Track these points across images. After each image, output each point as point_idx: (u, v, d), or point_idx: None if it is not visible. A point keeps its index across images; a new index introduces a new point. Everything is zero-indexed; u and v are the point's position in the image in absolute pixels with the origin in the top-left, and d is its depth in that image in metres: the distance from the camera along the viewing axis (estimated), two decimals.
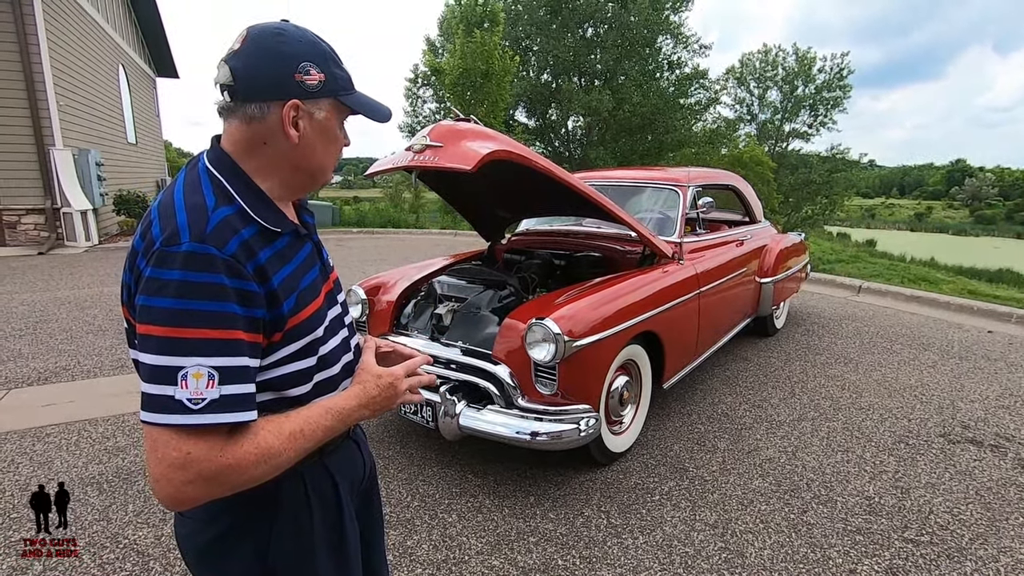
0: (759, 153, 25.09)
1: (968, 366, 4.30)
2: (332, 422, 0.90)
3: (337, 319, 1.02)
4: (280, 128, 0.88)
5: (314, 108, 0.89)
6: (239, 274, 0.79)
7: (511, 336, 2.53)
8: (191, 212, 0.81)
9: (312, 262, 0.98)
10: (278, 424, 0.84)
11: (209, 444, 0.76)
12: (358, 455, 1.12)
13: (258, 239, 0.85)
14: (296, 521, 0.95)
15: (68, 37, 10.52)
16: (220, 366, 0.76)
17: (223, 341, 0.76)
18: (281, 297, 0.85)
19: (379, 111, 0.96)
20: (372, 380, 0.98)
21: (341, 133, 0.95)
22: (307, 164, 0.93)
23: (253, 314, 0.81)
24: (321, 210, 15.04)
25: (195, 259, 0.76)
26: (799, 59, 30.38)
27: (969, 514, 2.46)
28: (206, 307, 0.76)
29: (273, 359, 0.87)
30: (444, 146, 2.42)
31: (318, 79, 0.88)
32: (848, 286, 7.06)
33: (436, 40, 23.48)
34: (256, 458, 0.79)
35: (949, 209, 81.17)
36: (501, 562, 2.16)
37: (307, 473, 0.97)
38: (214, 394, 0.75)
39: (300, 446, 0.85)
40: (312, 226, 1.05)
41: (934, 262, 22.16)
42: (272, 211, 0.91)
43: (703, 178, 4.08)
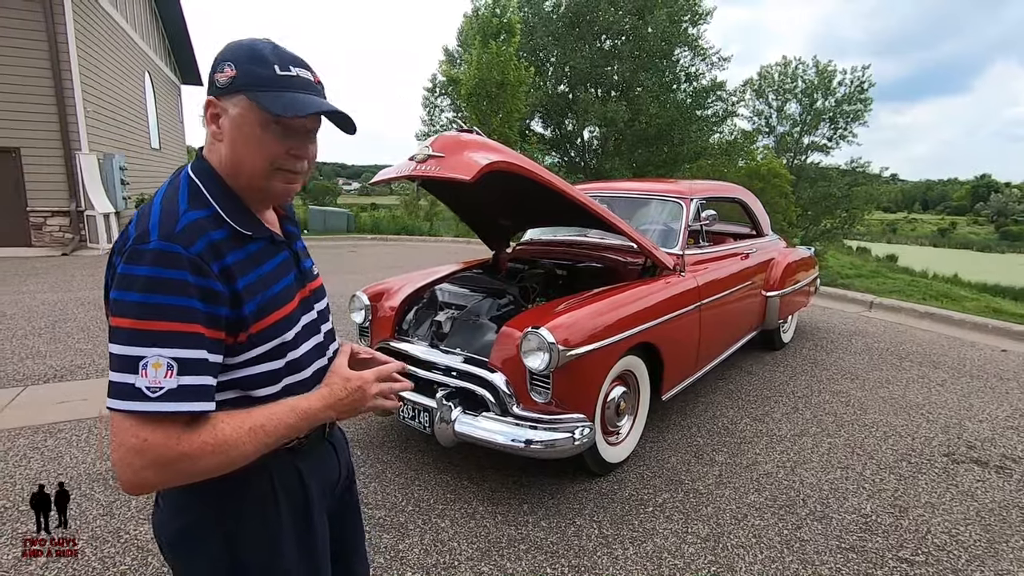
0: (777, 166, 24.87)
1: (979, 385, 4.23)
2: (296, 420, 0.92)
3: (312, 325, 1.05)
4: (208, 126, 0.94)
5: (228, 104, 0.91)
6: (203, 272, 0.84)
7: (507, 344, 2.56)
8: (163, 214, 0.86)
9: (287, 269, 1.02)
10: (239, 418, 0.87)
11: (166, 432, 0.80)
12: (333, 459, 1.15)
13: (229, 242, 0.90)
14: (263, 514, 0.98)
15: (97, 45, 10.87)
16: (179, 357, 0.80)
17: (183, 334, 0.81)
18: (244, 299, 0.89)
19: (292, 107, 0.89)
20: (340, 383, 1.00)
21: (267, 134, 0.91)
22: (233, 162, 0.93)
23: (215, 311, 0.85)
24: (337, 216, 15.26)
25: (162, 256, 0.81)
26: (819, 72, 30.12)
27: (968, 535, 2.43)
28: (169, 301, 0.80)
29: (241, 359, 0.91)
30: (446, 156, 2.47)
31: (229, 75, 0.90)
32: (860, 301, 6.97)
33: (454, 50, 23.78)
34: (212, 448, 0.83)
35: (974, 225, 79.56)
36: (490, 568, 2.18)
37: (276, 469, 1.00)
38: (172, 383, 0.79)
39: (260, 441, 0.88)
40: (294, 235, 1.09)
41: (957, 278, 21.76)
42: (246, 217, 0.95)
43: (707, 191, 4.09)
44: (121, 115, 12.29)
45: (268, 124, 0.90)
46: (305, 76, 0.93)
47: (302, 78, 0.93)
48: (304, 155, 0.96)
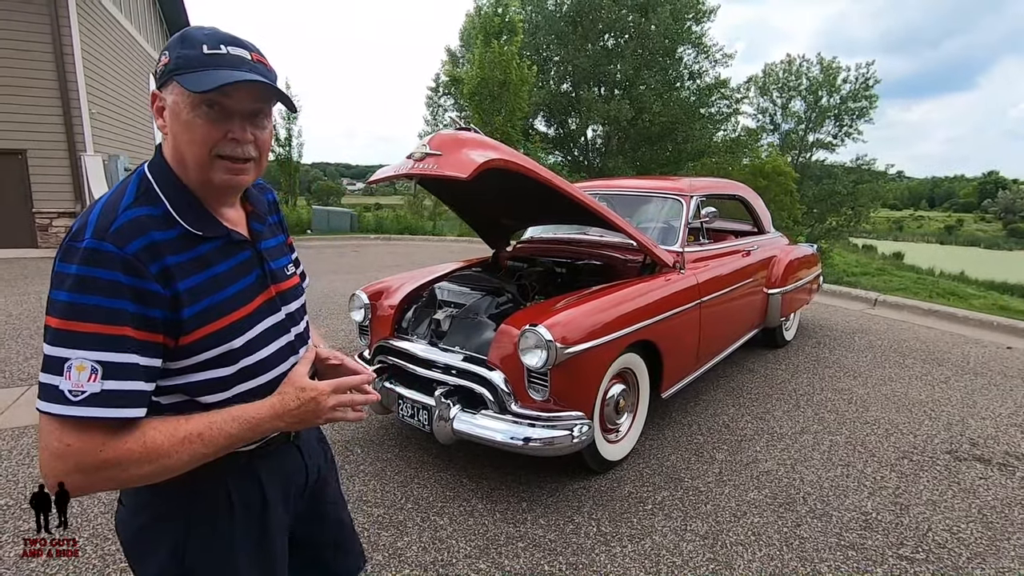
0: (781, 163, 24.76)
1: (982, 382, 4.20)
2: (238, 430, 0.87)
3: (276, 328, 1.00)
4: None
5: (167, 94, 0.87)
6: (137, 273, 0.80)
7: (505, 342, 2.56)
8: (103, 211, 0.83)
9: (246, 270, 0.97)
10: (173, 425, 0.83)
11: (89, 437, 0.77)
12: (299, 462, 1.10)
13: (175, 242, 0.86)
14: (214, 523, 0.95)
15: (101, 47, 10.93)
16: (104, 361, 0.77)
17: (110, 336, 0.77)
18: (184, 302, 0.85)
19: (207, 81, 0.83)
20: (293, 393, 0.94)
21: (198, 117, 0.86)
22: (176, 154, 0.90)
23: (148, 313, 0.81)
24: (340, 216, 15.30)
25: (93, 255, 0.78)
26: (823, 69, 29.96)
27: (969, 533, 2.41)
28: (97, 302, 0.77)
29: (183, 364, 0.88)
30: (443, 154, 2.47)
31: (163, 63, 0.87)
32: (864, 299, 6.93)
33: (456, 50, 23.79)
34: (140, 456, 0.79)
35: (981, 222, 78.92)
36: (488, 566, 2.18)
37: (231, 476, 0.96)
38: (95, 388, 0.76)
39: (195, 450, 0.84)
40: (262, 232, 1.04)
41: (964, 276, 21.60)
42: (200, 215, 0.91)
43: (707, 188, 4.07)
44: (126, 116, 12.36)
45: (197, 106, 0.85)
46: (237, 53, 0.87)
47: (232, 55, 0.87)
48: (243, 138, 0.89)
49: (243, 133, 0.89)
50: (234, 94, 0.86)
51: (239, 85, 0.85)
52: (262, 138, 0.93)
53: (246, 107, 0.89)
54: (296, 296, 1.09)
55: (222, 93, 0.85)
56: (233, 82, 0.84)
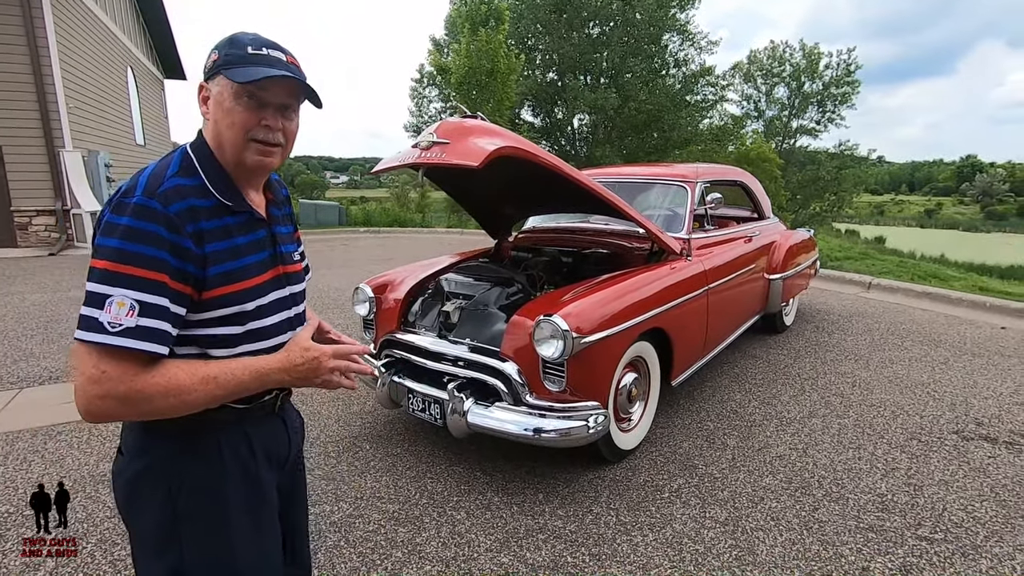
0: (766, 150, 24.96)
1: (981, 363, 4.25)
2: (249, 378, 0.99)
3: (282, 302, 1.13)
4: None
5: (213, 86, 1.01)
6: (177, 230, 0.92)
7: (519, 333, 2.52)
8: (152, 175, 0.96)
9: (261, 246, 1.09)
10: (195, 366, 0.95)
11: (123, 367, 0.88)
12: (283, 434, 1.20)
13: (208, 211, 0.98)
14: (207, 474, 1.03)
15: (77, 40, 10.61)
16: (142, 300, 0.88)
17: (149, 280, 0.89)
18: (209, 262, 0.97)
19: (250, 75, 0.97)
20: (298, 351, 1.05)
21: (239, 105, 0.99)
22: (217, 136, 1.02)
23: (183, 267, 0.93)
24: (327, 210, 15.11)
25: (142, 210, 0.90)
26: (806, 55, 30.17)
27: (984, 511, 2.43)
28: (142, 250, 0.89)
29: (201, 317, 0.98)
30: (451, 143, 2.41)
31: (213, 60, 1.01)
32: (858, 283, 7.00)
33: (441, 40, 23.51)
34: (164, 390, 0.90)
35: (960, 205, 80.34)
36: (510, 559, 2.15)
37: (223, 432, 1.06)
38: (131, 322, 0.87)
39: (211, 391, 0.95)
40: (278, 217, 1.17)
41: (944, 259, 21.97)
42: (232, 191, 1.04)
43: (711, 174, 4.06)
44: (104, 111, 12.04)
45: (239, 95, 0.99)
46: (276, 55, 1.01)
47: (273, 56, 1.01)
48: (275, 125, 1.03)
49: (275, 121, 1.03)
50: (270, 88, 1.00)
51: (276, 80, 0.99)
52: (290, 128, 1.06)
53: (279, 100, 1.03)
54: (299, 280, 1.21)
55: (260, 87, 0.98)
56: (272, 76, 0.98)
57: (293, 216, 1.30)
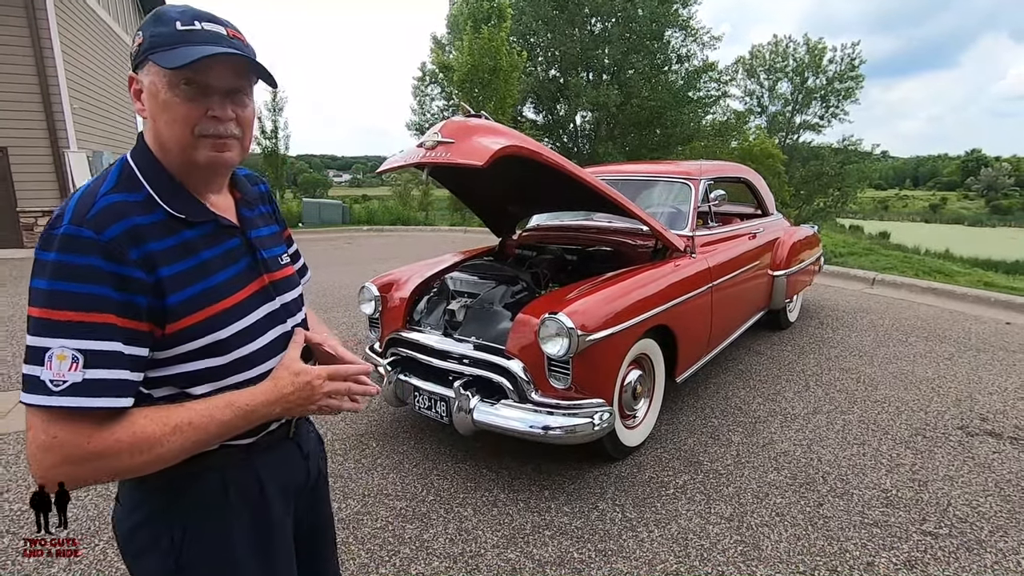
0: (769, 146, 24.84)
1: (986, 358, 4.25)
2: (232, 417, 0.85)
3: (271, 318, 0.97)
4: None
5: (143, 76, 0.85)
6: (117, 258, 0.78)
7: (524, 331, 2.54)
8: (82, 197, 0.81)
9: (235, 257, 0.94)
10: (164, 414, 0.81)
11: (75, 428, 0.75)
12: (299, 460, 1.08)
13: (158, 228, 0.84)
14: (210, 519, 0.93)
15: (81, 42, 10.65)
16: (85, 349, 0.75)
17: (91, 324, 0.75)
18: (168, 289, 0.82)
19: (181, 57, 0.81)
20: (287, 377, 0.91)
21: (177, 96, 0.83)
22: (157, 137, 0.87)
23: (132, 300, 0.79)
24: (331, 208, 15.14)
25: (70, 241, 0.76)
26: (810, 50, 30.01)
27: (988, 507, 2.44)
28: (76, 289, 0.75)
29: (173, 353, 0.85)
30: (456, 142, 2.42)
31: (138, 44, 0.85)
32: (862, 279, 6.98)
33: (443, 38, 23.48)
34: (130, 446, 0.77)
35: (964, 200, 79.90)
36: (517, 555, 2.17)
37: (229, 471, 0.94)
38: (76, 377, 0.74)
39: (189, 438, 0.81)
40: (252, 219, 1.01)
41: (949, 254, 21.87)
42: (185, 200, 0.89)
43: (715, 171, 4.06)
44: (109, 111, 12.09)
45: (175, 84, 0.83)
46: (212, 29, 0.85)
47: (207, 31, 0.84)
48: (224, 115, 0.86)
49: (223, 110, 0.86)
50: (212, 70, 0.84)
51: (216, 60, 0.82)
52: (244, 116, 0.90)
53: (225, 84, 0.86)
54: (291, 287, 1.05)
55: (198, 70, 0.82)
56: (209, 55, 0.81)
57: (277, 213, 1.15)
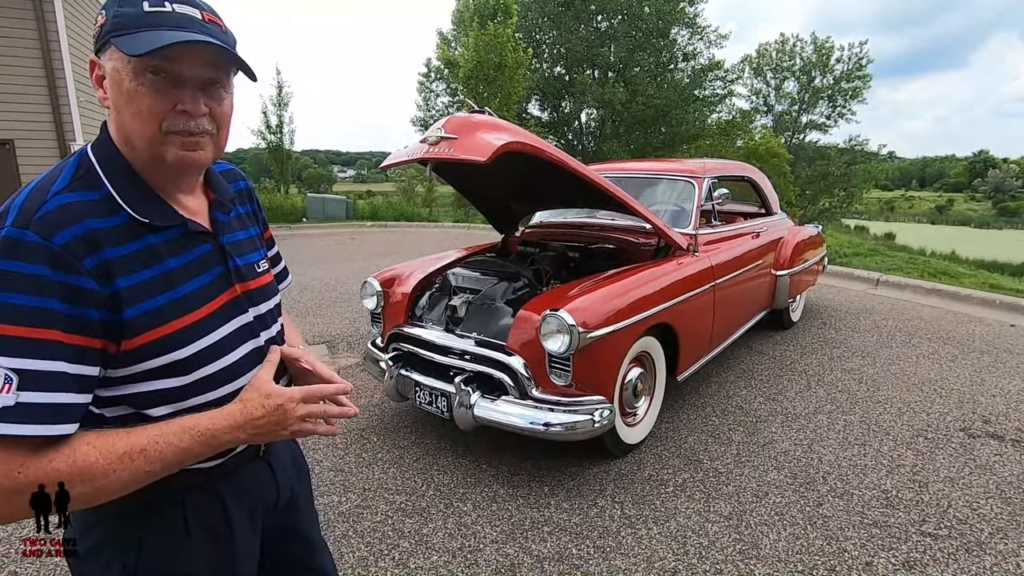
0: (775, 145, 24.77)
1: (989, 360, 4.23)
2: (190, 443, 0.76)
3: (243, 332, 0.89)
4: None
5: (105, 61, 0.76)
6: (67, 267, 0.69)
7: (525, 327, 2.54)
8: (30, 195, 0.72)
9: (205, 265, 0.86)
10: (111, 440, 0.72)
11: (4, 456, 0.66)
12: (268, 479, 0.99)
13: (117, 232, 0.75)
14: (169, 550, 0.86)
15: (89, 34, 10.67)
16: (22, 368, 0.66)
17: (31, 341, 0.67)
18: (125, 302, 0.74)
19: (147, 43, 0.71)
20: (257, 399, 0.82)
21: (143, 86, 0.74)
22: (121, 130, 0.78)
23: (83, 314, 0.70)
24: (335, 204, 15.16)
25: (12, 246, 0.67)
26: (817, 49, 29.85)
27: (989, 509, 2.43)
28: (17, 300, 0.66)
29: (129, 372, 0.77)
30: (459, 138, 2.42)
31: (100, 24, 0.76)
32: (866, 279, 6.96)
33: (448, 33, 23.46)
34: (69, 477, 0.69)
35: (971, 201, 79.42)
36: (516, 550, 2.18)
37: (190, 499, 0.87)
38: (8, 400, 0.65)
39: (138, 468, 0.72)
40: (227, 223, 0.92)
41: (955, 255, 21.79)
42: (150, 201, 0.80)
43: (718, 169, 4.05)
44: None
45: (140, 72, 0.73)
46: (184, 11, 0.76)
47: (178, 13, 0.75)
48: (195, 110, 0.77)
49: (195, 104, 0.77)
50: (183, 59, 0.75)
51: (186, 47, 0.73)
52: (219, 111, 0.81)
53: (199, 74, 0.77)
54: (267, 296, 0.97)
55: (168, 58, 0.73)
56: (178, 42, 0.72)
57: (259, 214, 1.06)
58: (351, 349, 4.50)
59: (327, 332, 4.93)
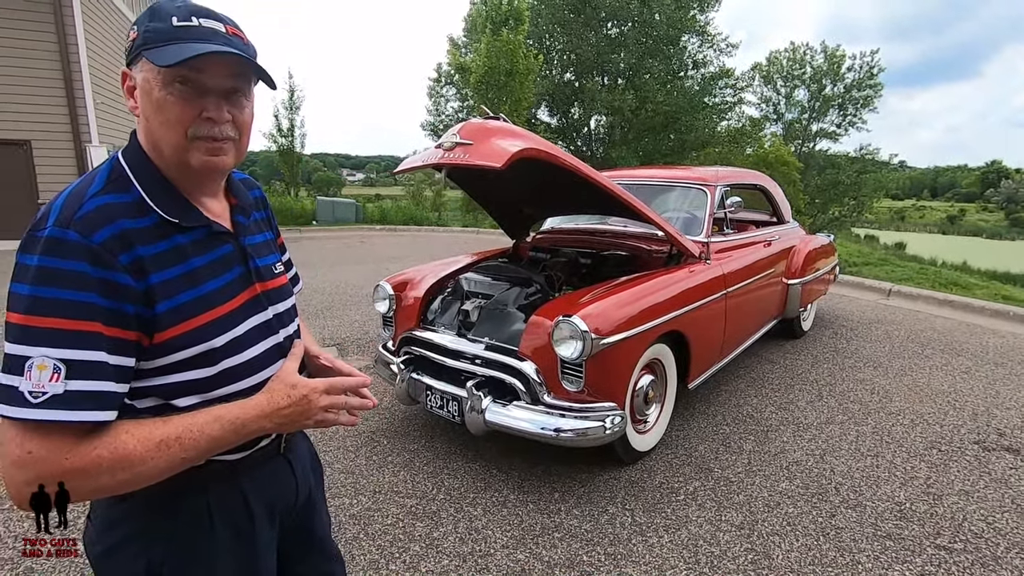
0: (785, 153, 24.66)
1: (1004, 372, 4.19)
2: (221, 432, 0.81)
3: (263, 328, 0.94)
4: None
5: (137, 73, 0.82)
6: (106, 263, 0.74)
7: (538, 333, 2.54)
8: (68, 198, 0.77)
9: (227, 265, 0.90)
10: (148, 429, 0.77)
11: (52, 444, 0.70)
12: (289, 477, 1.03)
13: (149, 232, 0.80)
14: (193, 541, 0.88)
15: (105, 36, 10.83)
16: (68, 359, 0.71)
17: (76, 333, 0.71)
18: (157, 297, 0.79)
19: (176, 55, 0.77)
20: (283, 389, 0.87)
21: (171, 95, 0.80)
22: (150, 136, 0.84)
23: (121, 308, 0.75)
24: (345, 207, 15.25)
25: (55, 244, 0.72)
26: (828, 57, 29.76)
27: (1005, 523, 2.41)
28: (61, 295, 0.71)
29: (158, 364, 0.81)
30: (474, 144, 2.44)
31: (132, 39, 0.82)
32: (878, 289, 6.91)
33: (459, 39, 23.59)
34: (110, 464, 0.73)
35: (984, 212, 78.71)
36: (526, 556, 2.18)
37: (213, 492, 0.90)
38: (57, 388, 0.70)
39: (173, 455, 0.77)
40: (247, 226, 0.98)
41: (967, 266, 21.57)
42: (178, 203, 0.85)
43: (731, 177, 4.04)
44: None
45: (169, 83, 0.79)
46: (210, 25, 0.82)
47: (204, 27, 0.81)
48: (219, 117, 0.83)
49: (219, 112, 0.83)
50: (207, 69, 0.81)
51: (211, 58, 0.79)
52: (241, 118, 0.87)
53: (222, 84, 0.83)
54: (284, 296, 1.02)
55: (194, 68, 0.79)
56: (204, 53, 0.78)
57: (272, 221, 1.12)
58: (361, 352, 4.52)
59: (338, 334, 4.96)
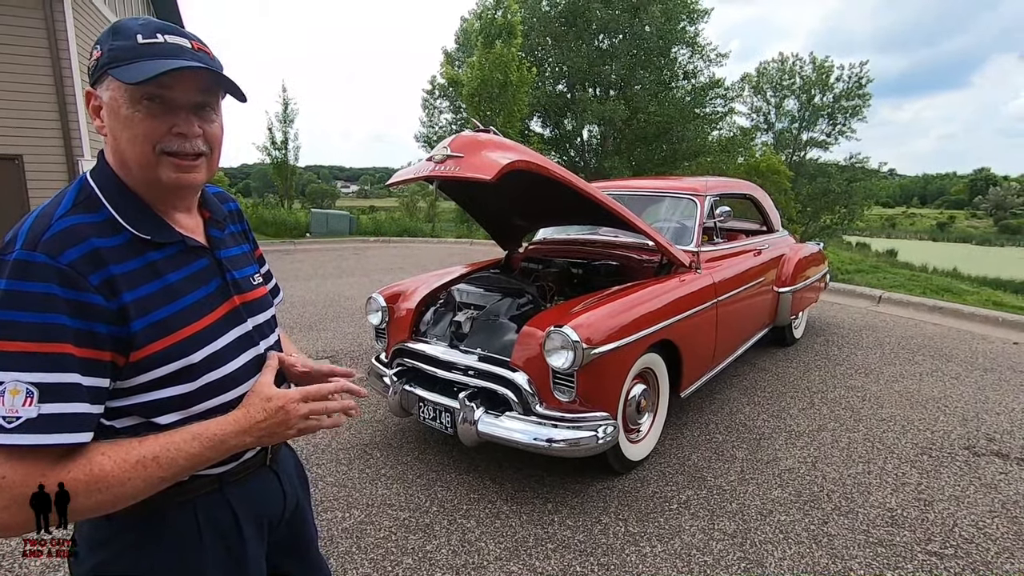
0: (776, 162, 24.91)
1: (993, 378, 4.22)
2: (200, 449, 0.80)
3: (243, 341, 0.94)
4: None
5: (101, 91, 0.82)
6: (75, 284, 0.74)
7: (530, 343, 2.55)
8: (36, 220, 0.77)
9: (204, 279, 0.90)
10: (125, 449, 0.76)
11: (27, 468, 0.70)
12: (275, 488, 1.03)
13: (121, 250, 0.80)
14: (183, 559, 0.88)
15: None
16: (40, 382, 0.70)
17: (47, 355, 0.71)
18: (132, 315, 0.78)
19: (143, 71, 0.77)
20: (259, 403, 0.87)
21: (139, 112, 0.80)
22: (118, 154, 0.84)
23: (92, 328, 0.75)
24: (338, 219, 15.26)
25: (23, 268, 0.72)
26: (816, 68, 30.17)
27: (995, 528, 2.42)
28: (29, 318, 0.71)
29: (136, 382, 0.81)
30: (465, 156, 2.47)
31: (96, 58, 0.82)
32: (868, 296, 6.97)
33: (453, 52, 23.78)
34: (87, 486, 0.73)
35: (972, 219, 79.57)
36: (520, 568, 2.17)
37: (201, 504, 0.90)
38: (31, 412, 0.70)
39: (151, 475, 0.76)
40: (222, 239, 0.98)
41: (957, 273, 21.77)
42: (149, 219, 0.85)
43: (720, 187, 4.09)
44: None
45: (136, 100, 0.80)
46: (175, 42, 0.82)
47: (170, 44, 0.81)
48: (190, 132, 0.83)
49: (190, 126, 0.83)
50: (176, 85, 0.81)
51: (181, 73, 0.79)
52: (211, 132, 0.87)
53: (191, 98, 0.83)
54: (263, 308, 1.02)
55: (163, 85, 0.79)
56: (175, 69, 0.78)
57: (249, 233, 1.12)
58: (354, 364, 4.51)
59: (330, 347, 4.95)
